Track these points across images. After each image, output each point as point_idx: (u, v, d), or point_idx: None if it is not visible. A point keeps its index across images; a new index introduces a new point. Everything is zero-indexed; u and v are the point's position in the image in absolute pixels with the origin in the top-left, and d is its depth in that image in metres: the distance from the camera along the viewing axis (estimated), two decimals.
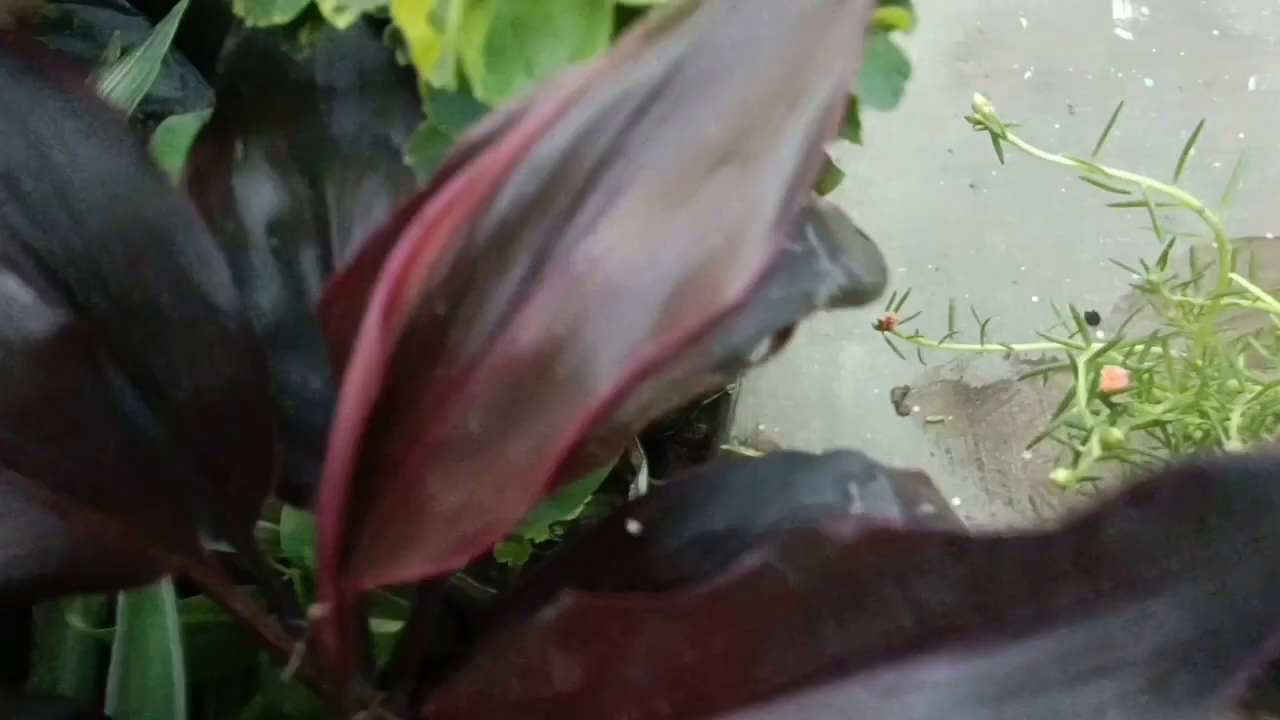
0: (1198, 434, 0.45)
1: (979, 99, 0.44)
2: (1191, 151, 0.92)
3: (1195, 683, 0.18)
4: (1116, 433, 0.38)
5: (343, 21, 0.24)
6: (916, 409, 0.81)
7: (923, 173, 0.83)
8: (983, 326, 0.54)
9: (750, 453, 0.68)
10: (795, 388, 0.81)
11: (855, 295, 0.27)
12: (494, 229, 0.20)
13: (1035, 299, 0.83)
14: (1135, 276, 0.51)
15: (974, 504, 0.75)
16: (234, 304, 0.21)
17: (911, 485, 0.27)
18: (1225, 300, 0.46)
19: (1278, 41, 0.93)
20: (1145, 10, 0.95)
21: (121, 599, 0.42)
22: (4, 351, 0.20)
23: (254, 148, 0.26)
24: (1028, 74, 0.92)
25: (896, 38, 0.26)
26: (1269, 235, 0.85)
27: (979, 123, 0.44)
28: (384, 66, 0.27)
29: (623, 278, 0.19)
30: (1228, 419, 0.40)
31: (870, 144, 0.33)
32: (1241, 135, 0.90)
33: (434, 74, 0.22)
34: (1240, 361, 0.53)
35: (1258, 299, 0.46)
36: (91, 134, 0.21)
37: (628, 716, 0.19)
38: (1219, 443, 0.42)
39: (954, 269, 0.84)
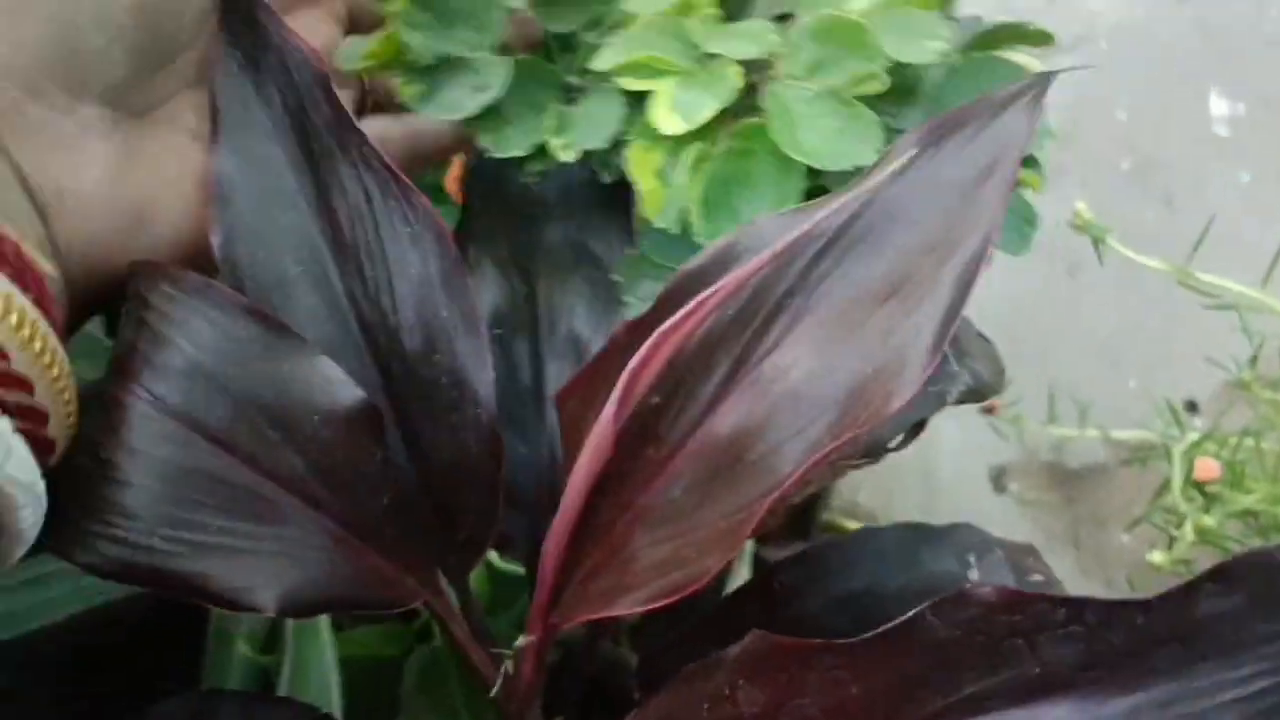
0: None
1: (1080, 206, 0.49)
2: None
3: None
4: (1209, 520, 0.41)
5: (568, 156, 0.31)
6: (1014, 487, 0.84)
7: (1023, 258, 0.87)
8: (1082, 412, 0.58)
9: (850, 524, 0.72)
10: (894, 461, 0.85)
11: (978, 393, 0.32)
12: (700, 340, 0.26)
13: (1133, 384, 0.86)
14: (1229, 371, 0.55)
15: (1071, 583, 0.77)
16: (489, 394, 0.27)
17: (1022, 557, 0.32)
18: None
19: None
20: (1242, 108, 0.98)
21: (289, 630, 0.48)
22: (320, 419, 0.26)
23: (483, 253, 0.33)
24: (1124, 164, 0.95)
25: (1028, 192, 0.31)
26: None
27: (1081, 228, 0.48)
28: (586, 184, 0.33)
29: (803, 386, 0.25)
30: None
31: None
32: None
33: (658, 218, 0.28)
34: None
35: None
36: (419, 241, 0.27)
37: None
38: None
39: (1052, 353, 0.87)
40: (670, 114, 0.28)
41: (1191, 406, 0.83)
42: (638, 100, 0.29)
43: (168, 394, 0.26)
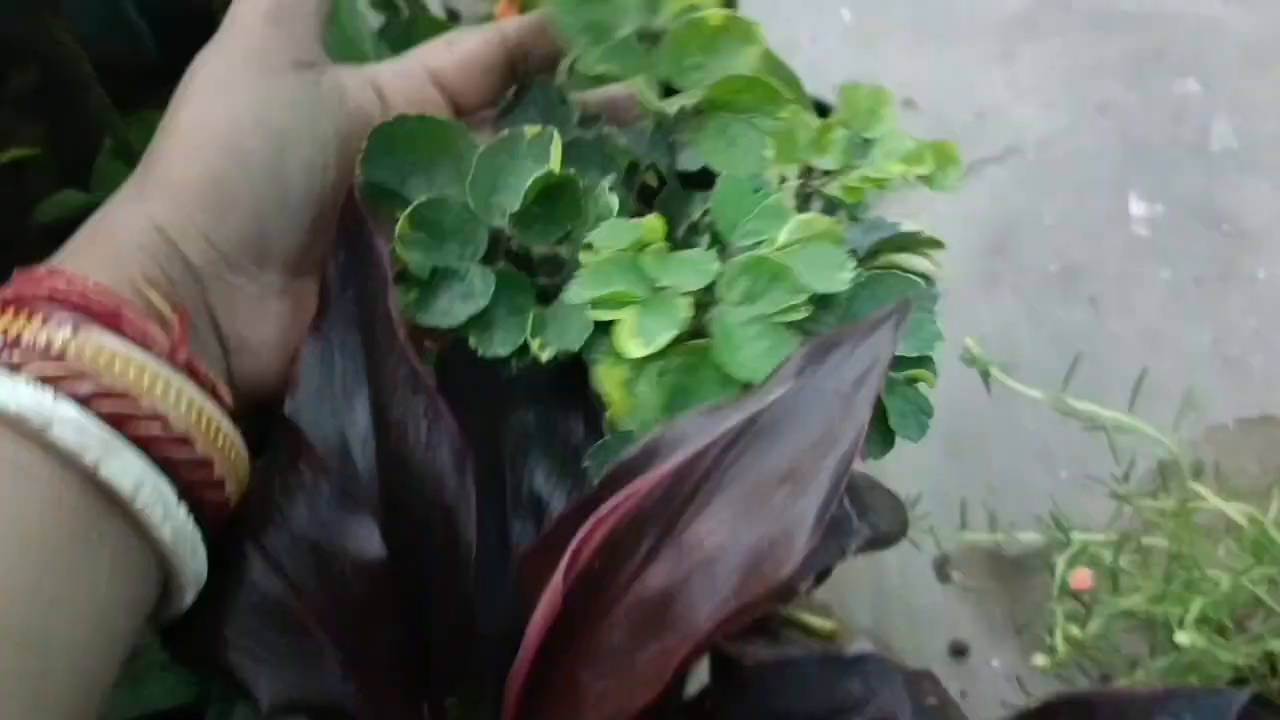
0: (1171, 621, 0.54)
1: (969, 341, 0.55)
2: (1206, 338, 1.02)
3: None
4: (1075, 630, 0.47)
5: (545, 356, 0.37)
6: (956, 576, 0.90)
7: (955, 360, 0.94)
8: (991, 518, 0.64)
9: (808, 617, 0.77)
10: (846, 561, 0.91)
11: (880, 542, 0.38)
12: (633, 516, 0.32)
13: (1064, 474, 0.92)
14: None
15: (1015, 665, 0.83)
16: (471, 562, 0.33)
17: (920, 681, 0.38)
18: (1192, 505, 0.55)
19: None
20: (1160, 207, 1.06)
21: None
22: (354, 566, 0.32)
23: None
24: (1053, 268, 1.03)
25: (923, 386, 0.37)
26: None
27: (970, 362, 0.55)
28: (553, 374, 0.39)
29: (715, 553, 0.31)
30: (1189, 613, 0.50)
31: None
32: (1253, 321, 1.00)
33: (626, 422, 0.34)
34: (1221, 551, 0.62)
35: (1215, 504, 0.55)
36: (436, 430, 0.34)
37: None
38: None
39: (989, 449, 0.94)
40: (633, 339, 0.34)
41: (1119, 497, 0.90)
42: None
43: (266, 541, 0.34)
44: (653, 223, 0.37)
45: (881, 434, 0.37)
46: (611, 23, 0.39)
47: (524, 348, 0.37)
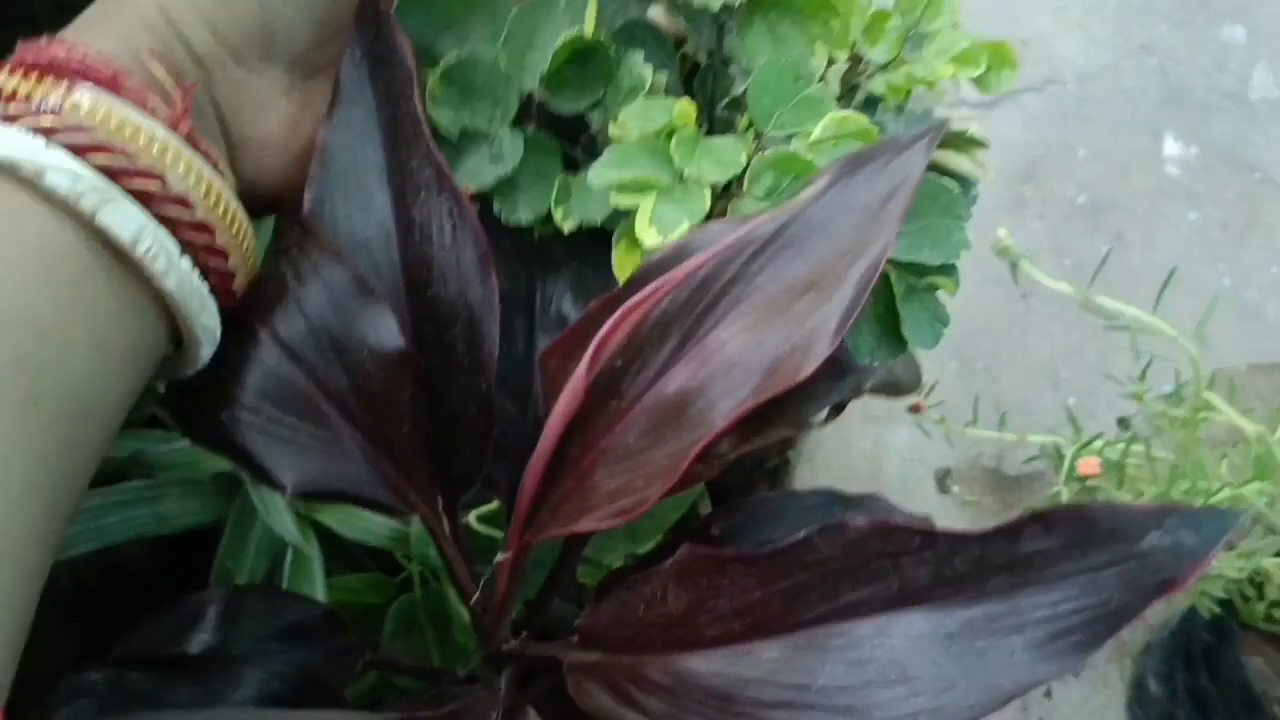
0: None
1: (1001, 232, 0.55)
2: (1227, 282, 1.02)
3: (1072, 644, 0.28)
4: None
5: (568, 227, 0.37)
6: (957, 489, 0.91)
7: (979, 282, 0.94)
8: (1002, 418, 0.64)
9: None
10: (847, 461, 0.92)
11: (893, 388, 0.39)
12: (658, 318, 0.32)
13: (1072, 401, 0.93)
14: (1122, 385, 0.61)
15: None
16: (493, 367, 0.34)
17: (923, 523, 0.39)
18: (1201, 415, 0.56)
19: None
20: (1193, 150, 1.06)
21: (286, 572, 0.54)
22: (369, 353, 0.33)
23: (493, 246, 0.39)
24: (1081, 199, 1.02)
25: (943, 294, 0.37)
26: None
27: (1001, 252, 0.55)
28: (584, 243, 0.39)
29: (736, 357, 0.31)
30: None
31: None
32: (1274, 270, 0.99)
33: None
34: (1224, 468, 0.63)
35: (1228, 415, 0.56)
36: (460, 233, 0.34)
37: (715, 630, 0.30)
38: None
39: (1000, 370, 0.95)
40: (649, 227, 0.34)
41: (1123, 423, 0.90)
42: None
43: (280, 325, 0.34)
44: (685, 107, 0.36)
45: (893, 340, 0.38)
46: None
47: (548, 216, 0.37)
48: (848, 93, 0.43)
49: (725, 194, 0.36)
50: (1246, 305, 0.97)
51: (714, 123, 0.42)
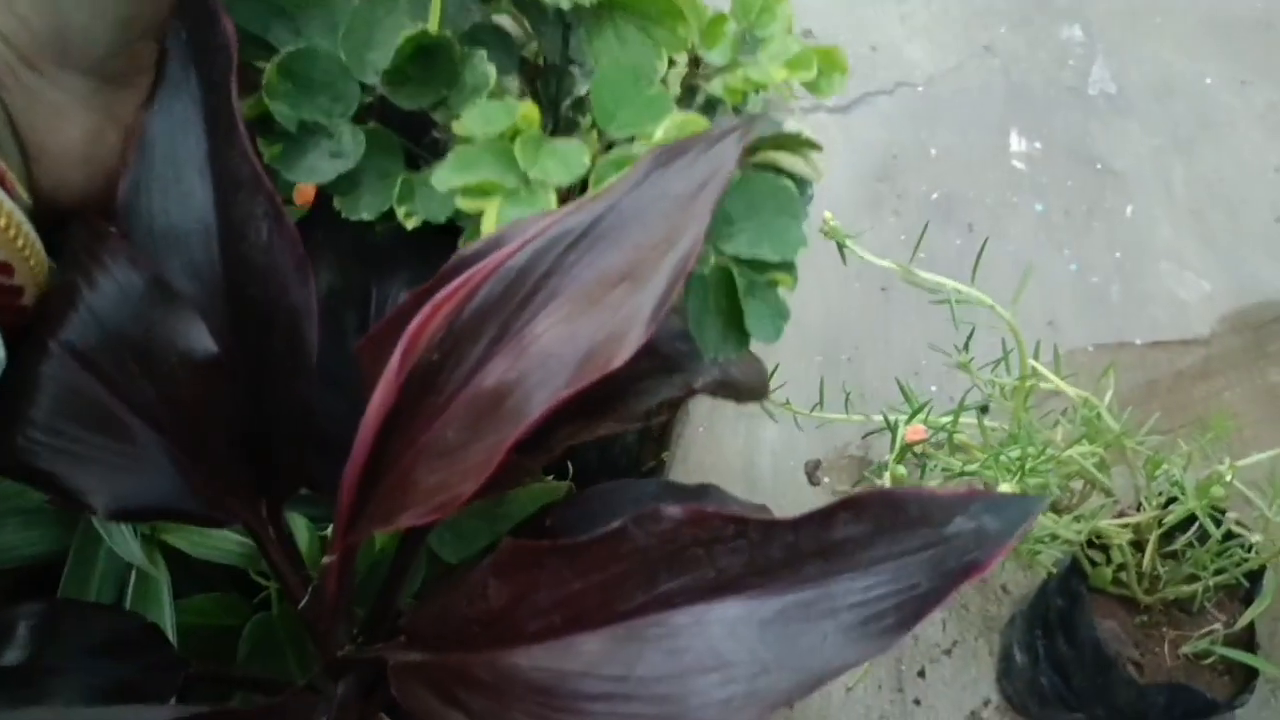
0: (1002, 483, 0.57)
1: (827, 214, 0.56)
2: (1074, 267, 1.06)
3: (884, 627, 0.29)
4: (901, 470, 0.50)
5: (411, 225, 0.36)
6: (827, 480, 0.93)
7: (842, 278, 0.97)
8: (846, 397, 0.66)
9: None
10: (720, 459, 0.93)
11: (732, 390, 0.39)
12: (474, 310, 0.32)
13: (934, 388, 0.96)
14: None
15: None
16: (312, 367, 0.33)
17: (756, 511, 0.39)
18: (1029, 383, 0.58)
19: (1150, 176, 1.08)
20: (1037, 145, 1.10)
21: (130, 595, 0.51)
22: (177, 360, 0.32)
23: (327, 245, 0.38)
24: (934, 195, 1.06)
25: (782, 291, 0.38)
26: (1137, 341, 0.99)
27: (828, 234, 0.56)
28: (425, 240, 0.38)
29: (552, 348, 0.31)
30: (1015, 475, 0.53)
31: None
32: (1116, 255, 1.04)
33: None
34: (1058, 435, 0.66)
35: (1054, 382, 0.58)
36: (276, 234, 0.33)
37: (535, 625, 0.30)
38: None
39: (864, 361, 0.97)
40: (496, 228, 0.34)
41: (983, 409, 0.94)
42: None
43: (73, 337, 0.32)
44: (529, 110, 0.36)
45: (737, 334, 0.38)
46: None
47: (389, 213, 0.37)
48: (687, 95, 0.44)
49: (570, 195, 0.36)
50: (1092, 289, 1.02)
51: (558, 123, 0.42)
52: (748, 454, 0.92)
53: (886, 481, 0.51)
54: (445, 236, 0.38)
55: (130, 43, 0.34)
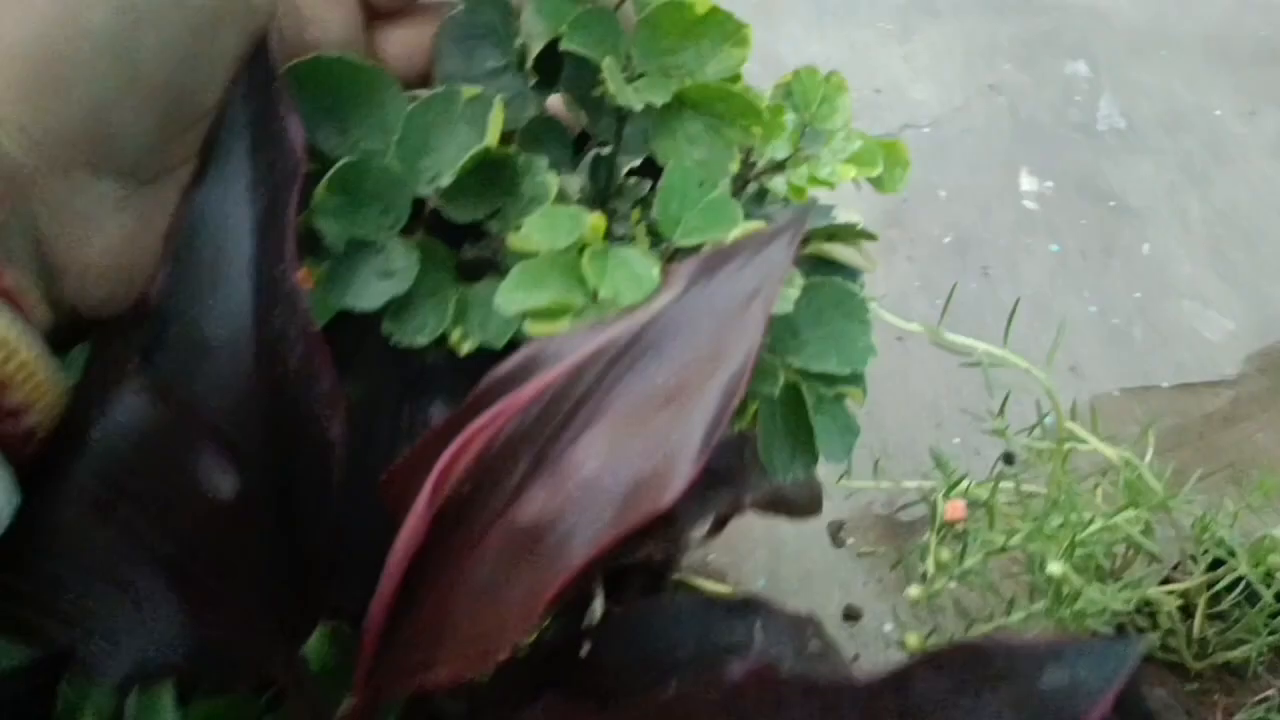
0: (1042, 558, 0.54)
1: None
2: (1093, 309, 1.04)
3: None
4: (944, 554, 0.47)
5: (465, 349, 0.34)
6: (851, 541, 0.90)
7: None
8: (875, 465, 0.63)
9: (701, 580, 0.76)
10: (741, 522, 0.90)
11: (785, 507, 0.36)
12: (508, 437, 0.29)
13: (956, 440, 0.93)
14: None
15: (911, 624, 0.83)
16: (337, 504, 0.30)
17: (803, 626, 0.36)
18: (1068, 444, 0.56)
19: (1165, 212, 1.07)
20: (1049, 184, 1.08)
21: (132, 705, 0.48)
22: (205, 506, 0.29)
23: (358, 358, 0.36)
24: (947, 239, 1.04)
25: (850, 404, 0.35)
26: (1164, 384, 0.96)
27: None
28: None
29: (594, 479, 0.28)
30: (1063, 549, 0.50)
31: None
32: (1137, 295, 1.02)
33: None
34: (1098, 498, 0.63)
35: (1093, 444, 0.56)
36: (311, 358, 0.30)
37: None
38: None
39: (884, 415, 0.94)
40: None
41: (1009, 458, 0.91)
42: None
43: (84, 479, 0.29)
44: (596, 221, 0.33)
45: (806, 454, 0.36)
46: None
47: (441, 337, 0.34)
48: (738, 190, 0.42)
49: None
50: (1114, 331, 0.99)
51: (608, 214, 0.40)
52: (769, 517, 0.90)
53: (930, 566, 0.48)
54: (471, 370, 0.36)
55: (174, 138, 0.31)
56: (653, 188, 0.40)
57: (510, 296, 0.32)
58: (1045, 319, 0.98)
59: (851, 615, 0.85)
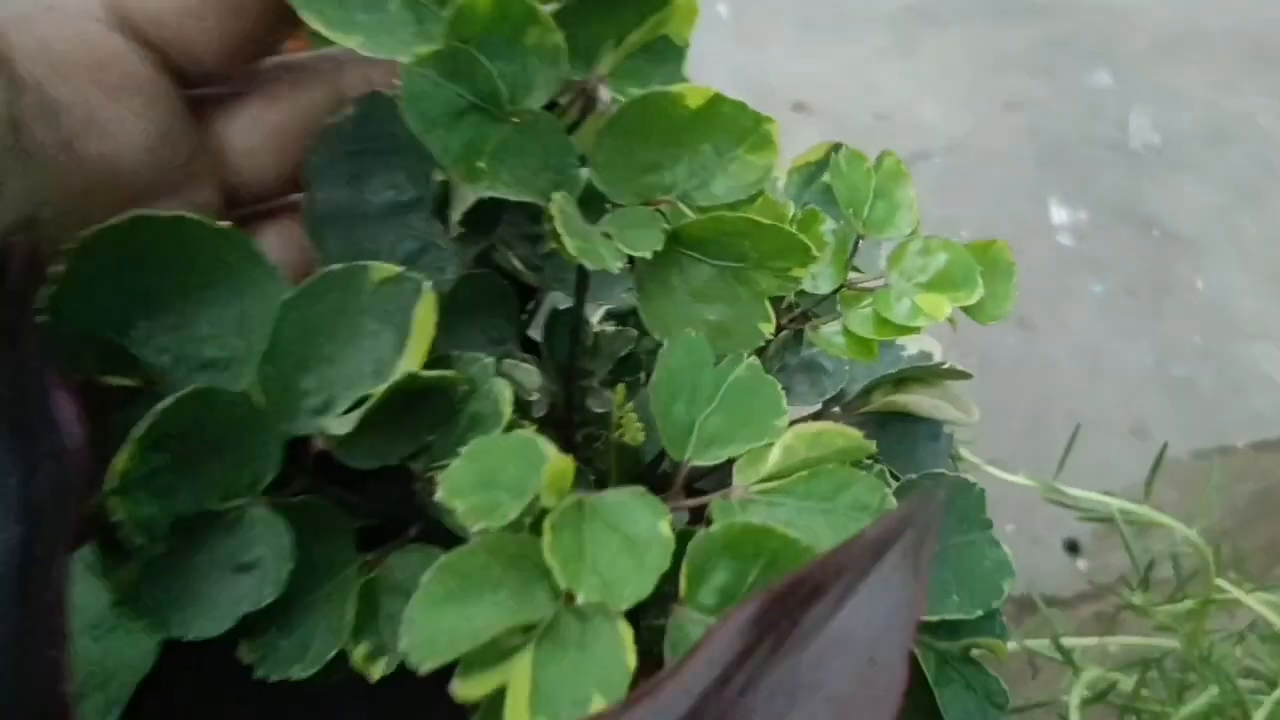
0: None
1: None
2: (1150, 360, 0.91)
3: None
4: None
5: (377, 672, 0.21)
6: None
7: None
8: None
9: None
10: None
11: None
12: None
13: (1010, 528, 0.80)
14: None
15: None
16: None
17: None
18: (1213, 599, 0.42)
19: (1218, 238, 0.94)
20: (1083, 213, 0.95)
21: None
22: None
23: None
24: None
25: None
26: (1239, 444, 0.83)
27: None
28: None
29: None
30: None
31: None
32: (1198, 339, 0.89)
33: None
34: (1239, 653, 0.50)
35: (1242, 599, 0.42)
36: None
37: None
38: None
39: None
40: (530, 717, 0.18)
41: (1073, 547, 0.78)
42: None
43: None
44: (559, 465, 0.19)
45: None
46: (516, 80, 0.21)
47: (336, 658, 0.21)
48: (776, 354, 0.29)
49: (644, 610, 0.19)
50: (1177, 383, 0.86)
51: (570, 396, 0.27)
52: None
53: None
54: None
55: None
56: (641, 334, 0.27)
57: (427, 626, 0.18)
58: (1097, 372, 0.85)
59: None
